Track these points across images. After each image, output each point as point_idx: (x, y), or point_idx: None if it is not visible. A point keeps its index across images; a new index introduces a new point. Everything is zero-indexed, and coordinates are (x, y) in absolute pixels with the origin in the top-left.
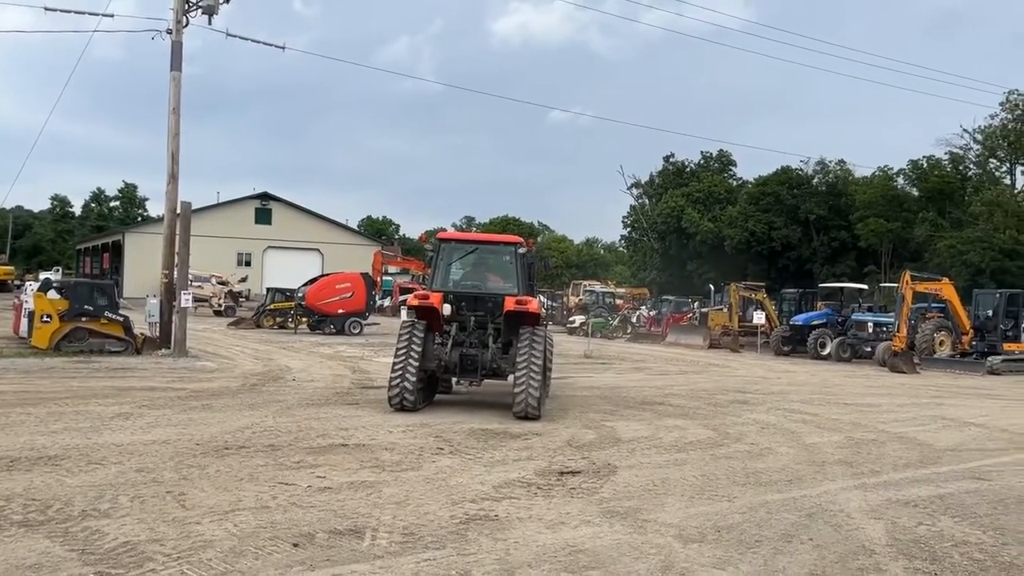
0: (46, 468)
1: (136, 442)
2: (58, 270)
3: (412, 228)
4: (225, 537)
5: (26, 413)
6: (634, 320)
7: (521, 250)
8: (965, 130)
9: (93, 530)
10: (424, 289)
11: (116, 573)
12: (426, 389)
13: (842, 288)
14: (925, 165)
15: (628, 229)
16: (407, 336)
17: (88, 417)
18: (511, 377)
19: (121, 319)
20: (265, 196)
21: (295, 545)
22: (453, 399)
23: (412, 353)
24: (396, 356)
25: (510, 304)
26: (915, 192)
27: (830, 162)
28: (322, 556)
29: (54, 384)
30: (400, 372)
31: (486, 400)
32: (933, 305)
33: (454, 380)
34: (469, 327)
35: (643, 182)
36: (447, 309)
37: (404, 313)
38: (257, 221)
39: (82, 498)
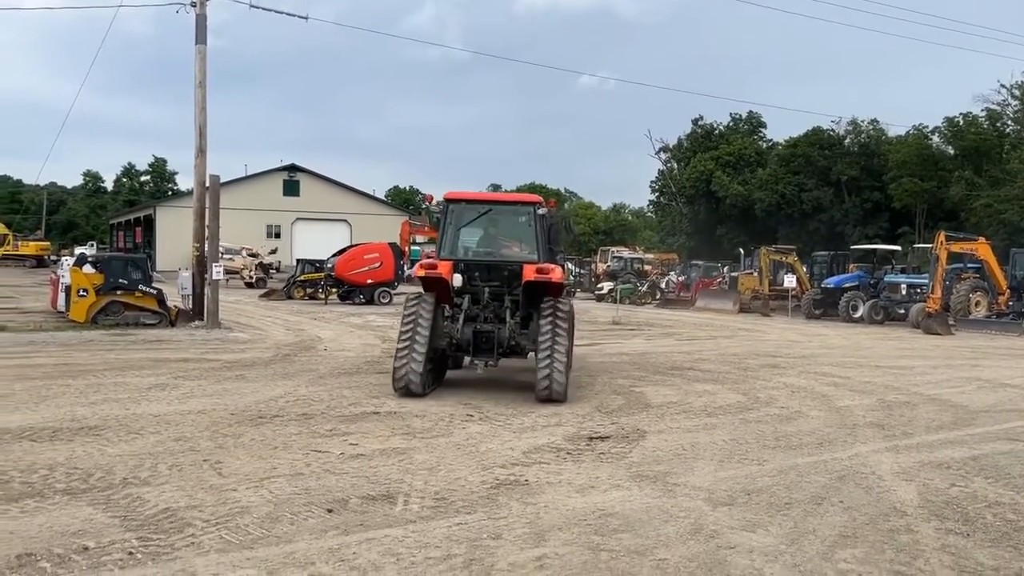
0: (87, 438)
1: (173, 412)
2: (92, 245)
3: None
4: (261, 503)
5: (66, 385)
6: (663, 286)
7: (541, 211)
8: (1003, 85)
9: (134, 497)
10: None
11: (157, 538)
12: (435, 370)
13: (875, 250)
14: (961, 123)
15: (656, 194)
16: (413, 311)
17: (126, 388)
18: (531, 356)
19: (155, 292)
20: (292, 168)
21: (329, 511)
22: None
23: (419, 330)
24: (401, 334)
25: (530, 273)
26: (951, 151)
27: (862, 122)
28: (356, 521)
29: (92, 356)
30: (406, 352)
31: (505, 368)
32: (969, 265)
33: (466, 359)
34: (483, 300)
35: (671, 146)
36: (458, 279)
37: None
38: (285, 193)
39: (122, 466)
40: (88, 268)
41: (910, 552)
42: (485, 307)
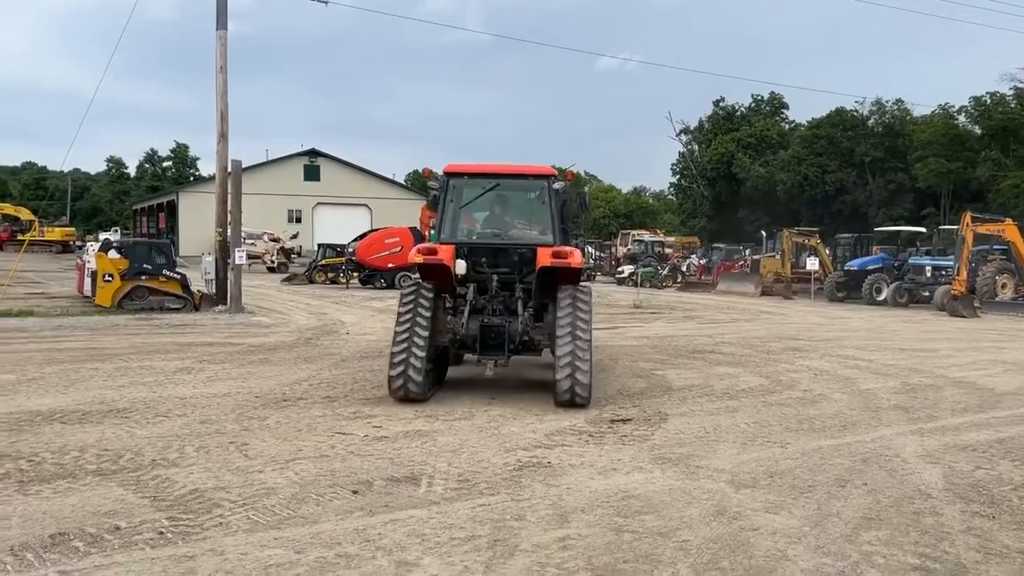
0: (116, 420)
1: (199, 395)
2: (116, 231)
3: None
4: (287, 485)
5: (94, 368)
6: (684, 269)
7: (557, 184)
8: None
9: (163, 478)
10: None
11: (187, 518)
12: (436, 369)
13: (899, 232)
14: (988, 102)
15: (677, 176)
16: (411, 304)
17: (152, 372)
18: (547, 353)
19: (179, 277)
20: (313, 153)
21: (354, 492)
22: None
23: (418, 326)
24: (398, 330)
25: (545, 257)
26: (977, 130)
27: (887, 102)
28: (380, 502)
29: (119, 340)
30: (404, 352)
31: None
32: (995, 247)
33: (465, 356)
34: (491, 289)
35: (692, 128)
36: (461, 266)
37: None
38: (306, 178)
39: (151, 448)
40: (113, 253)
41: (935, 534)
42: (493, 297)
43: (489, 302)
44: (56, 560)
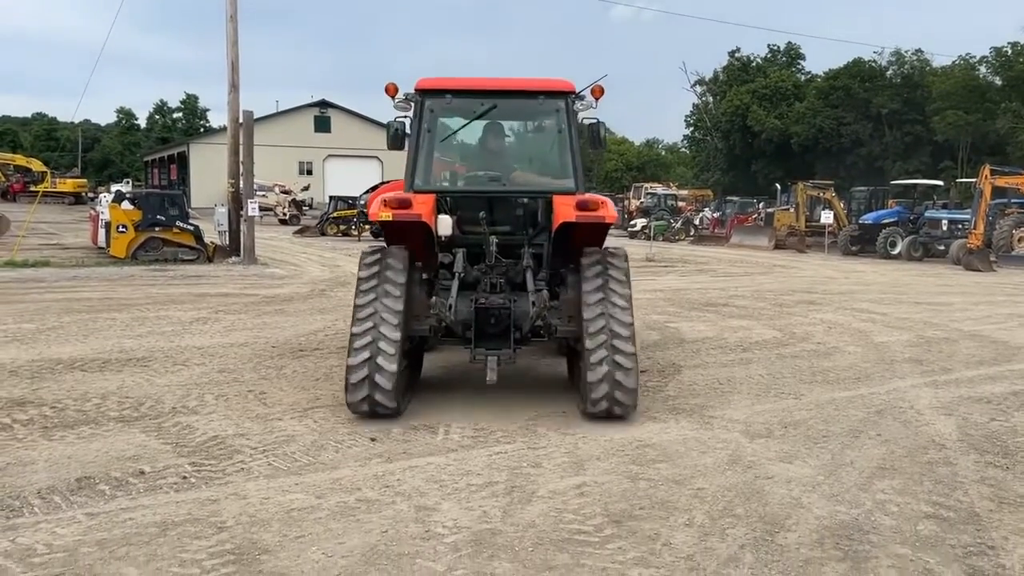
0: (135, 369)
1: (216, 345)
2: (128, 182)
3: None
4: (306, 432)
5: (112, 319)
6: (697, 222)
7: (579, 105)
8: None
9: (184, 425)
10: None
11: (209, 464)
12: (409, 367)
13: (915, 185)
14: (1010, 52)
15: (691, 129)
16: (374, 280)
17: (169, 322)
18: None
19: (192, 228)
20: (323, 104)
21: (373, 439)
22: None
23: (386, 312)
24: (358, 317)
25: (566, 209)
26: (998, 81)
27: (906, 52)
28: (399, 449)
29: (134, 291)
30: (365, 350)
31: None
32: (1013, 200)
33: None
34: (488, 256)
35: (707, 79)
36: (445, 224)
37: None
38: (316, 129)
39: (171, 396)
40: (126, 205)
41: (948, 484)
42: (492, 268)
43: (486, 274)
44: (83, 503)
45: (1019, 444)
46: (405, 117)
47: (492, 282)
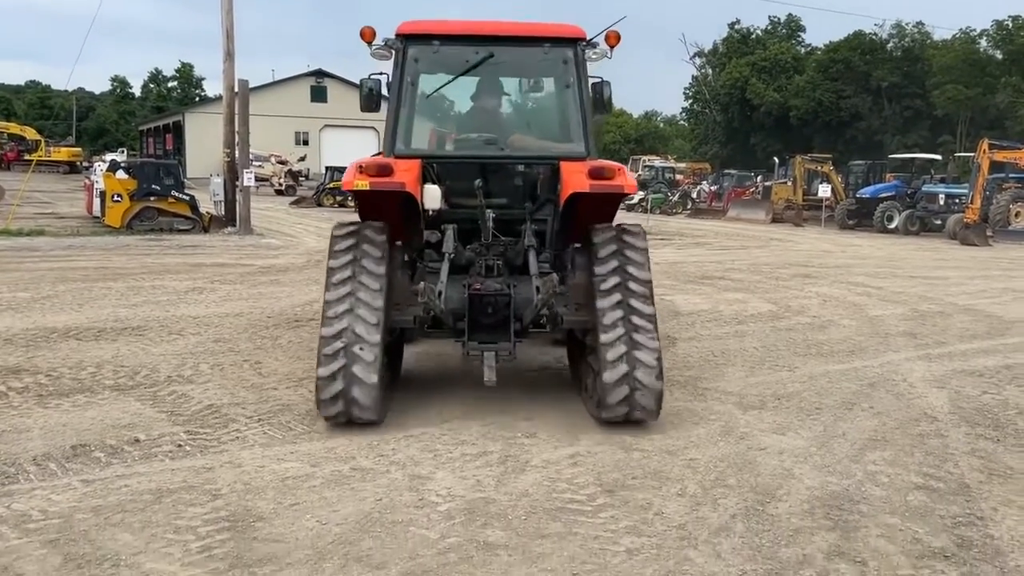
0: (130, 338)
1: (211, 314)
2: (123, 151)
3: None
4: (301, 402)
5: (107, 288)
6: (694, 195)
7: (593, 54)
8: None
9: (179, 394)
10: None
11: (204, 432)
12: (390, 364)
13: (913, 159)
14: (1011, 25)
15: (689, 101)
16: (348, 263)
17: (165, 291)
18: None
19: (187, 198)
20: (320, 74)
21: None
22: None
23: (364, 302)
24: (326, 318)
25: (576, 178)
26: (998, 55)
27: (907, 25)
28: (393, 420)
29: (130, 260)
30: (340, 358)
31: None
32: (1011, 175)
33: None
34: (484, 233)
35: (706, 51)
36: (433, 195)
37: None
38: (313, 99)
39: (166, 365)
40: (121, 174)
41: (939, 455)
42: (488, 248)
43: (480, 255)
44: (79, 470)
45: (1010, 417)
46: (381, 75)
47: (488, 264)
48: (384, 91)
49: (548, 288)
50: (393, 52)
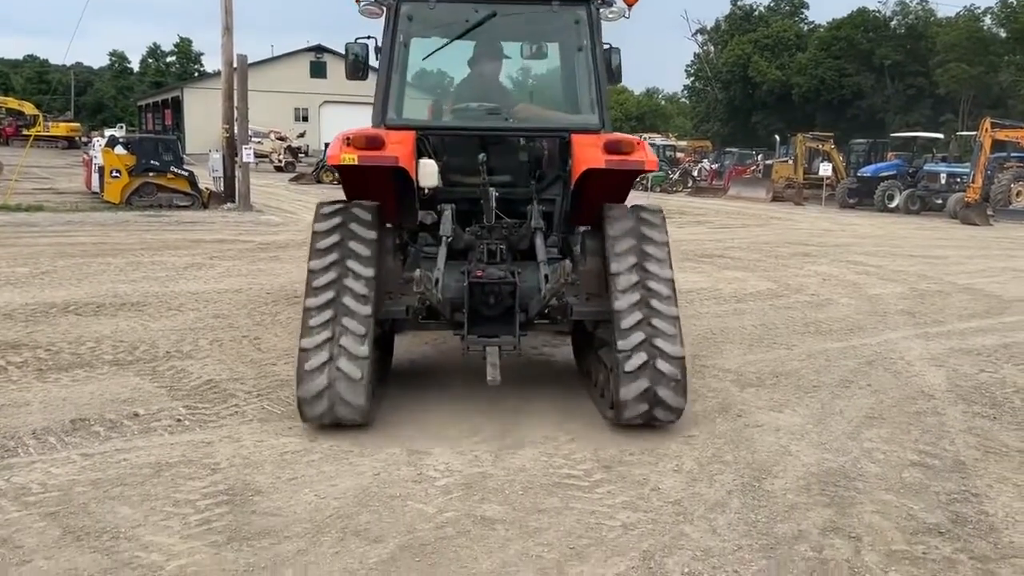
0: (129, 313)
1: (210, 290)
2: (122, 127)
3: None
4: None
5: (106, 263)
6: (695, 173)
7: (611, 13)
8: None
9: (178, 369)
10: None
11: (203, 407)
12: (378, 359)
13: (915, 138)
14: (1015, 3)
15: (691, 79)
16: (334, 249)
17: (164, 267)
18: (583, 328)
19: (187, 174)
20: (319, 49)
21: None
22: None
23: (348, 299)
24: (308, 309)
25: (590, 152)
26: (1002, 34)
27: (911, 2)
28: (400, 395)
29: (129, 236)
30: (324, 351)
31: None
32: (1013, 154)
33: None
34: (486, 214)
35: (708, 28)
36: (430, 172)
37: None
38: (312, 75)
39: (165, 341)
40: (120, 149)
41: (936, 433)
42: (490, 231)
43: (481, 238)
44: (78, 444)
45: (1007, 395)
46: (368, 38)
47: (490, 249)
48: (373, 57)
49: (561, 276)
50: (384, 9)
